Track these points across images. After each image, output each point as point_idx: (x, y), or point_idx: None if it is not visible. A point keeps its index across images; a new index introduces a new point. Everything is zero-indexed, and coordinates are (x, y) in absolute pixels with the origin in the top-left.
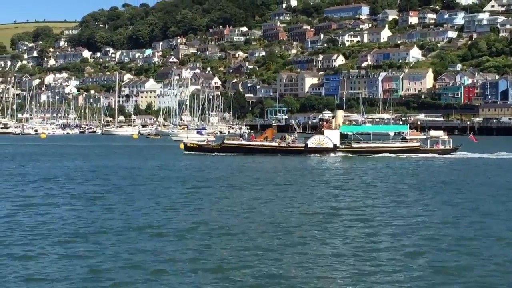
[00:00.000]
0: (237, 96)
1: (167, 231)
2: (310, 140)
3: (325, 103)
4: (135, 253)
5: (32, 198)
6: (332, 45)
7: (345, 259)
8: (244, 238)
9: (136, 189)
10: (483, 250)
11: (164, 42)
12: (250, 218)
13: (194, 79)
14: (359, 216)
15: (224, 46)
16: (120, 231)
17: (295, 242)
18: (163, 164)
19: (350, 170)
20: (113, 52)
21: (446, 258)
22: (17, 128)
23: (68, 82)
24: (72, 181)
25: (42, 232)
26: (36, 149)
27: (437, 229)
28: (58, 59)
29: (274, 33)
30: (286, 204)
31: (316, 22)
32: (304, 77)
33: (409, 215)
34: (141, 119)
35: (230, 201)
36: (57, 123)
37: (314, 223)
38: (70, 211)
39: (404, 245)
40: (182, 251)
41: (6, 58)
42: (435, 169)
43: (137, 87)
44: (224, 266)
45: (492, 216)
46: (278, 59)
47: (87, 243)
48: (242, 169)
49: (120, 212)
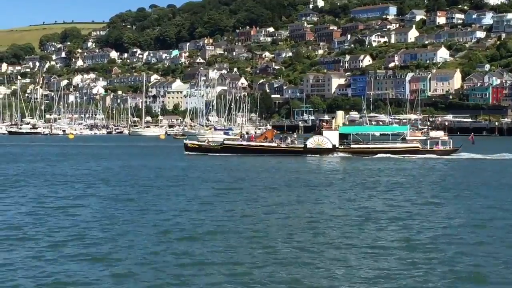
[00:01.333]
0: (264, 96)
1: (234, 235)
2: (309, 141)
3: (352, 104)
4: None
5: (74, 199)
6: (359, 46)
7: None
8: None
9: (172, 190)
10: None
11: (191, 42)
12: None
13: (220, 80)
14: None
15: (251, 46)
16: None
17: (364, 244)
18: (192, 165)
19: (380, 171)
20: (140, 53)
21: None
22: (45, 128)
23: (96, 82)
24: (110, 182)
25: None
26: (66, 149)
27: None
28: (86, 60)
29: (301, 33)
30: (336, 206)
31: (343, 23)
32: (330, 77)
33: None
34: (168, 120)
35: (282, 202)
36: (84, 124)
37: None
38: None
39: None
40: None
41: (34, 59)
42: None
43: (164, 88)
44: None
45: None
46: (305, 60)
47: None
48: (271, 170)
49: (169, 214)
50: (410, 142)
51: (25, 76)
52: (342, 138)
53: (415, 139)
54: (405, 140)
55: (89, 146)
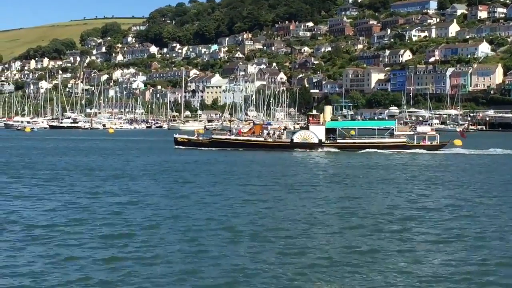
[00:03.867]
0: (303, 91)
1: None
2: (296, 135)
3: (391, 99)
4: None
5: (126, 195)
6: (399, 40)
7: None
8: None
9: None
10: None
11: (230, 37)
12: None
13: (259, 75)
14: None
15: (290, 41)
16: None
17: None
18: (234, 160)
19: (426, 166)
20: (180, 48)
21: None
22: (86, 122)
23: (136, 77)
24: (166, 176)
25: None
26: (107, 144)
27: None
28: (126, 54)
29: (340, 28)
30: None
31: (383, 17)
32: (370, 72)
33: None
34: (207, 114)
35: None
36: (124, 118)
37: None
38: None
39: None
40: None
41: (75, 54)
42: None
43: (203, 83)
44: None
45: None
46: (344, 55)
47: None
48: (306, 165)
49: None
50: (397, 137)
51: (66, 71)
52: (328, 133)
53: (403, 134)
54: (393, 135)
55: (132, 140)
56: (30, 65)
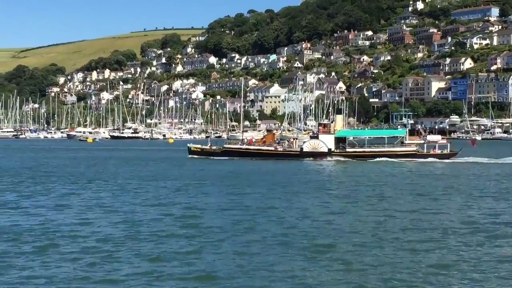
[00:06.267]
0: (362, 100)
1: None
2: (305, 145)
3: (452, 108)
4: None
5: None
6: (460, 48)
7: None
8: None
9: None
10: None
11: (288, 47)
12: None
13: (318, 84)
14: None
15: (349, 50)
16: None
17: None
18: (297, 169)
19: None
20: (239, 58)
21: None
22: (146, 133)
23: (195, 87)
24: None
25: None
26: (171, 153)
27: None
28: (186, 65)
29: (400, 36)
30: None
31: (443, 25)
32: (430, 81)
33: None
34: (266, 124)
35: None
36: (184, 128)
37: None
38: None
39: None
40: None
41: (136, 65)
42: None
43: (262, 92)
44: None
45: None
46: (404, 63)
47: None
48: (373, 175)
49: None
50: (408, 145)
51: (127, 82)
52: (338, 142)
53: (413, 142)
54: (403, 143)
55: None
56: (92, 76)
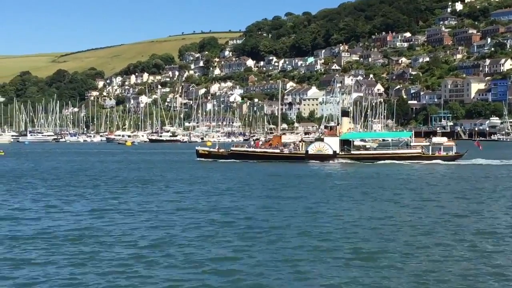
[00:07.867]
0: (400, 102)
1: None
2: (310, 147)
3: (492, 109)
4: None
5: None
6: (500, 49)
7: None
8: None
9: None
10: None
11: (326, 49)
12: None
13: (356, 86)
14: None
15: (387, 52)
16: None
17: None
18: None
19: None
20: (276, 61)
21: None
22: (184, 136)
23: (233, 90)
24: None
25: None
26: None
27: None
28: (223, 68)
29: (439, 38)
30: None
31: (483, 26)
32: (470, 82)
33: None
34: (304, 127)
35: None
36: (222, 131)
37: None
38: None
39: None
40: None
41: (174, 68)
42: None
43: (300, 95)
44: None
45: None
46: (443, 65)
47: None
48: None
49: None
50: (413, 148)
51: (165, 85)
52: (343, 145)
53: (418, 144)
54: (409, 146)
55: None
56: (131, 80)
